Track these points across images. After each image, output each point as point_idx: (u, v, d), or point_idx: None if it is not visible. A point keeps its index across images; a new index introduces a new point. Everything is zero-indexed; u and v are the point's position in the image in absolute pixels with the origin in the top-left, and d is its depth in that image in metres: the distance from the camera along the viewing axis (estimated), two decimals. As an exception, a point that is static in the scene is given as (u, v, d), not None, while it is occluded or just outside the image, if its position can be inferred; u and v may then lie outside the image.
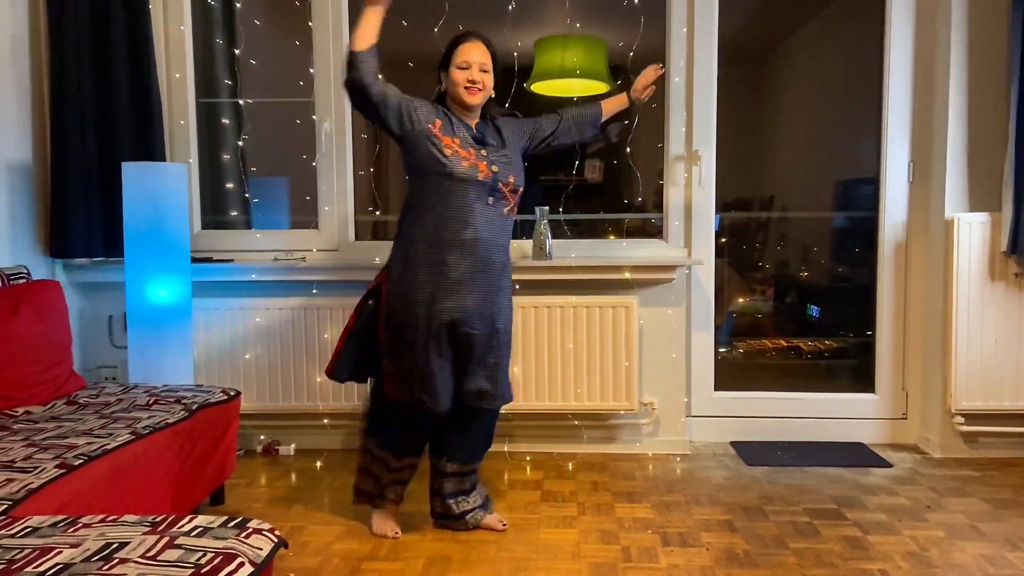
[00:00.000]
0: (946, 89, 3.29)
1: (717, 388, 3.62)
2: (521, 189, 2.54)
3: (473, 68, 2.46)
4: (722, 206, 3.97)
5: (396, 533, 2.56)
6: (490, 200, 2.44)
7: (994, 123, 3.26)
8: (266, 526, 1.58)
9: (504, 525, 2.62)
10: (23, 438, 2.17)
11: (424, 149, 2.41)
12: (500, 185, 2.45)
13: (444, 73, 2.52)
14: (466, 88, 2.46)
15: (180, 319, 3.09)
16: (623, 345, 3.32)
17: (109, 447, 2.11)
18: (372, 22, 2.41)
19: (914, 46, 3.45)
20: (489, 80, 2.50)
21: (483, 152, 2.46)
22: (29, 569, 1.36)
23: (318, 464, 3.31)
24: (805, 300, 4.61)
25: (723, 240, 3.94)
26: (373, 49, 2.41)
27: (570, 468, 3.26)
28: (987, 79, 3.26)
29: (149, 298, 3.02)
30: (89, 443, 2.12)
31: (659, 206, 3.58)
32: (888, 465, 3.26)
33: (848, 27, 4.09)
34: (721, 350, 3.89)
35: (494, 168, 2.45)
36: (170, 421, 2.41)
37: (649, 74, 2.77)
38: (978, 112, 3.27)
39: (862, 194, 3.84)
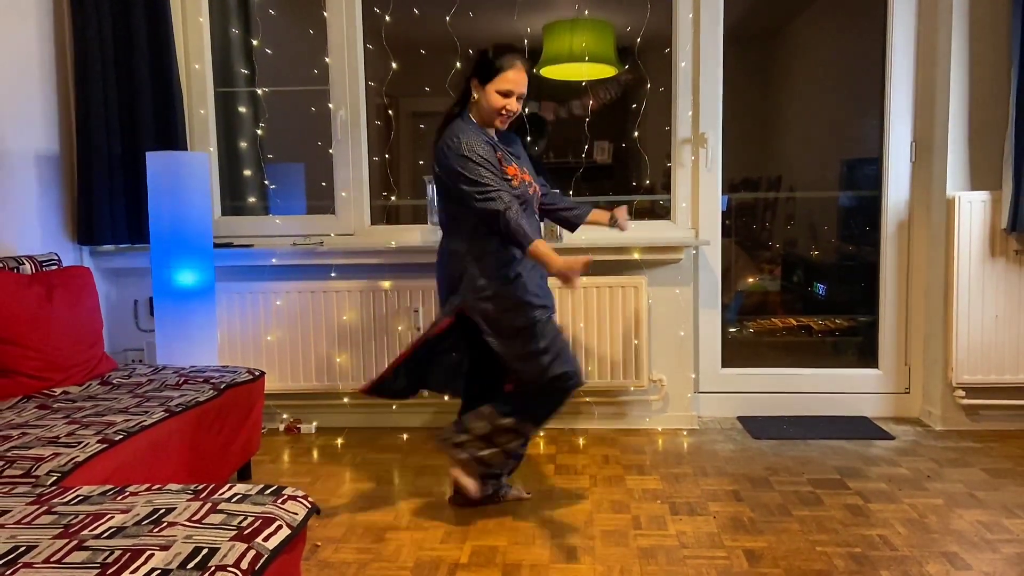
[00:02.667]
0: (947, 70, 3.35)
1: (724, 365, 3.71)
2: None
3: (513, 99, 2.47)
4: (730, 187, 4.05)
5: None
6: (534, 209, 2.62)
7: (995, 103, 3.32)
8: (300, 493, 1.70)
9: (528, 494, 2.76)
10: (64, 416, 2.29)
11: None
12: (532, 193, 2.59)
13: (479, 85, 2.48)
14: (500, 116, 2.49)
15: (204, 302, 3.20)
16: (632, 324, 3.42)
17: (146, 423, 2.23)
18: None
19: (916, 27, 3.51)
20: (519, 107, 2.53)
21: (522, 167, 2.59)
22: (85, 532, 1.48)
23: (339, 441, 3.43)
24: (812, 278, 4.69)
25: (730, 221, 4.02)
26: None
27: (582, 443, 3.37)
28: (988, 60, 3.32)
29: (174, 283, 3.14)
30: (127, 420, 2.24)
31: (667, 188, 3.66)
32: (891, 437, 3.36)
33: (851, 9, 4.14)
34: (731, 330, 3.99)
35: (528, 179, 2.57)
36: (200, 400, 2.53)
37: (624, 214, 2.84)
38: (979, 92, 3.34)
39: (866, 173, 3.91)
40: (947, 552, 2.30)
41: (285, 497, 1.66)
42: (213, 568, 1.34)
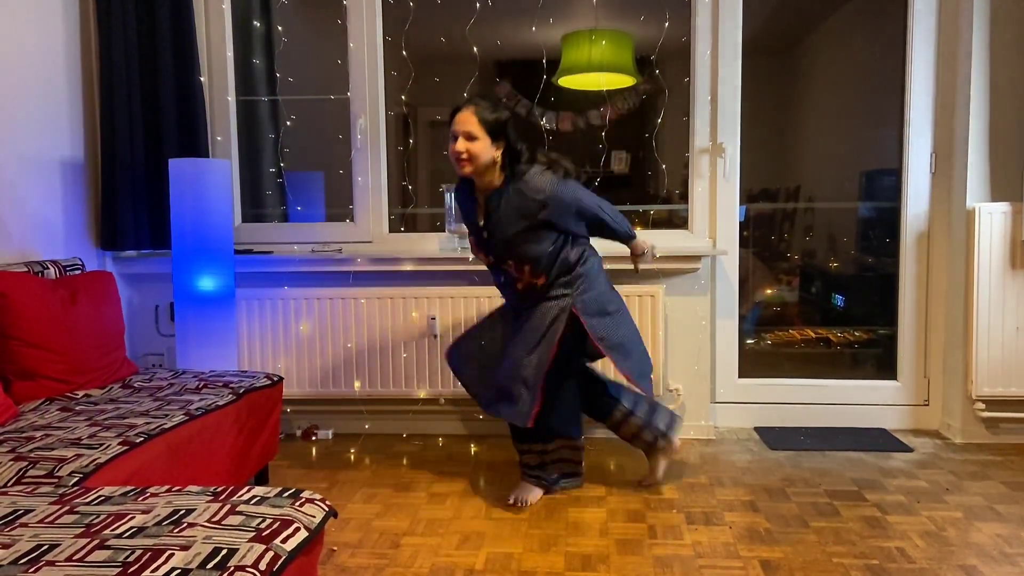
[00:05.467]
0: (968, 81, 3.34)
1: (741, 375, 3.70)
2: (531, 260, 2.67)
3: (459, 139, 2.56)
4: (748, 197, 4.04)
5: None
6: (503, 280, 2.78)
7: (1015, 114, 3.31)
8: (318, 497, 1.71)
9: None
10: (86, 418, 2.32)
11: None
12: (505, 267, 2.71)
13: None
14: (456, 161, 2.59)
15: (224, 308, 3.24)
16: (649, 333, 3.42)
17: (166, 426, 2.26)
18: None
19: (936, 38, 3.50)
20: (478, 148, 2.54)
21: (485, 237, 2.70)
22: (107, 531, 1.50)
23: (355, 448, 3.45)
24: (830, 290, 4.67)
25: (748, 231, 4.01)
26: None
27: (598, 451, 3.37)
28: (1008, 71, 3.30)
29: (195, 288, 3.17)
30: (148, 423, 2.27)
31: (684, 197, 3.66)
32: (909, 450, 3.33)
33: (871, 20, 4.13)
34: (748, 341, 3.97)
35: (491, 258, 2.71)
36: (220, 404, 2.55)
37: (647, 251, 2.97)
38: (999, 103, 3.32)
39: (885, 185, 3.90)
40: (965, 565, 2.28)
41: (303, 500, 1.68)
42: (232, 568, 1.36)
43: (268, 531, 1.51)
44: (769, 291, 4.72)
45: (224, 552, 1.41)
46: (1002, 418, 3.39)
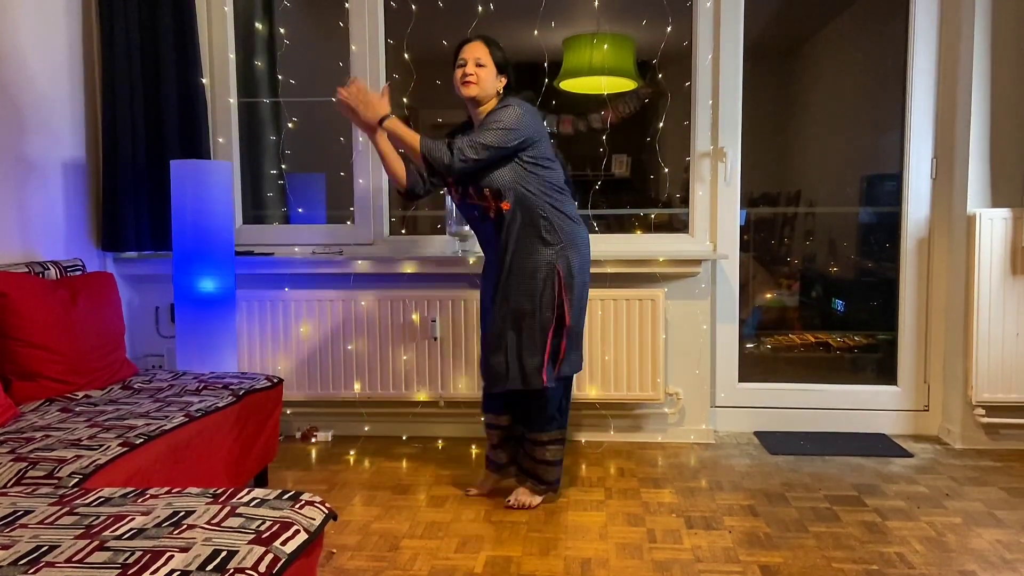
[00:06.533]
0: (968, 86, 3.35)
1: (742, 380, 3.70)
2: (493, 188, 2.65)
3: (469, 64, 2.66)
4: (749, 201, 4.05)
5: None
6: (476, 214, 2.76)
7: (1016, 119, 3.31)
8: (317, 499, 1.71)
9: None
10: (86, 419, 2.32)
11: None
12: (470, 199, 2.72)
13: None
14: (461, 82, 2.67)
15: (225, 310, 3.24)
16: (649, 337, 3.42)
17: (166, 428, 2.26)
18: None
19: (937, 44, 3.51)
20: (485, 73, 2.67)
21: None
22: (107, 533, 1.50)
23: (354, 451, 3.45)
24: (830, 294, 4.67)
25: (748, 235, 4.02)
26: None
27: (598, 455, 3.37)
28: (1009, 76, 3.31)
29: (196, 290, 3.17)
30: (147, 424, 2.27)
31: (685, 201, 3.66)
32: (909, 455, 3.33)
33: (872, 25, 4.14)
34: (748, 345, 3.97)
35: (459, 188, 2.72)
36: (220, 405, 2.55)
37: None
38: (1000, 109, 3.33)
39: (886, 189, 3.90)
40: (965, 571, 2.28)
41: (303, 502, 1.68)
42: (232, 570, 1.36)
43: (268, 533, 1.51)
44: (769, 295, 4.72)
45: (224, 554, 1.41)
46: (1002, 424, 3.39)
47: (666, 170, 3.77)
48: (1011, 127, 3.32)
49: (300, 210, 4.02)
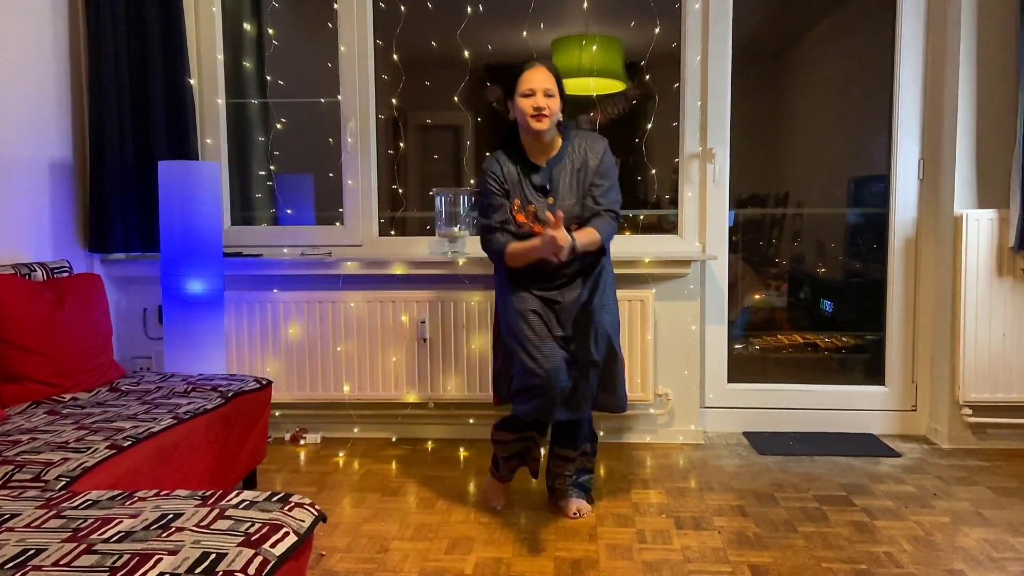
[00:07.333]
0: (955, 88, 3.37)
1: (731, 380, 3.71)
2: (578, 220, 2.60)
3: (538, 95, 2.49)
4: (737, 202, 4.06)
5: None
6: None
7: (1002, 121, 3.33)
8: (307, 501, 1.71)
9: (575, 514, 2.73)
10: (73, 422, 2.31)
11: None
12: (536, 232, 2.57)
13: (511, 101, 2.55)
14: (533, 116, 2.49)
15: (213, 311, 3.22)
16: (639, 337, 3.42)
17: (154, 430, 2.24)
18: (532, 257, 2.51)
19: (924, 46, 3.53)
20: (555, 105, 2.51)
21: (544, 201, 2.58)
22: (94, 536, 1.49)
23: (344, 453, 3.44)
24: (819, 295, 4.69)
25: (737, 236, 4.03)
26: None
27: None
28: (996, 78, 3.33)
29: (184, 291, 3.16)
30: (135, 426, 2.26)
31: (674, 202, 3.67)
32: (897, 455, 3.35)
33: (860, 27, 4.16)
34: (737, 346, 3.98)
35: (527, 219, 2.59)
36: (208, 407, 2.54)
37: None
38: (987, 110, 3.35)
39: (874, 191, 3.92)
40: (953, 570, 2.29)
41: (292, 504, 1.67)
42: (221, 573, 1.35)
43: (257, 535, 1.50)
44: (758, 296, 4.73)
45: (213, 557, 1.40)
46: (989, 423, 3.42)
47: (654, 171, 3.78)
48: (997, 129, 3.34)
49: (289, 211, 4.00)
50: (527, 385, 2.49)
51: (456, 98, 3.61)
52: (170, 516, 1.58)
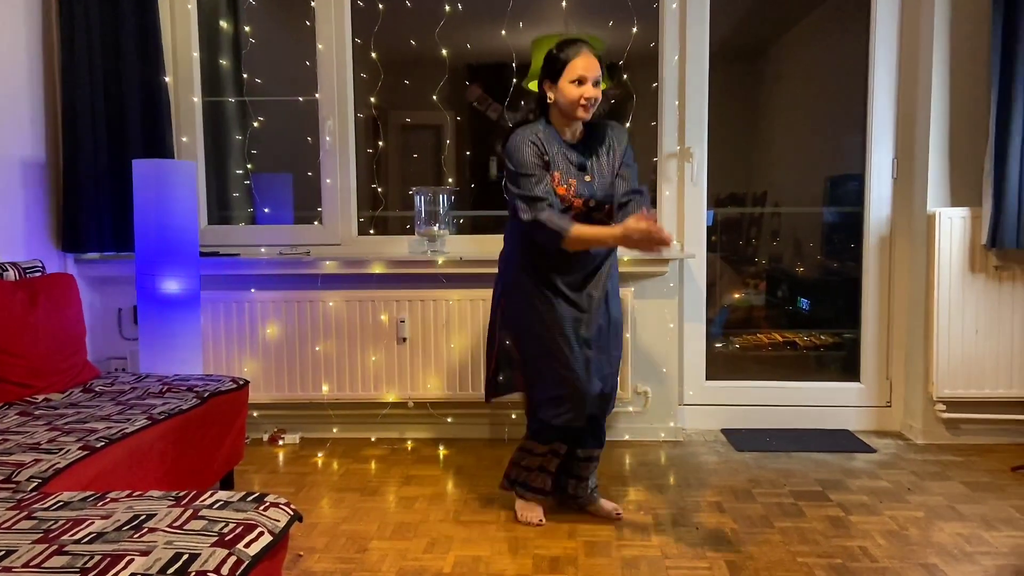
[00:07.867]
0: (929, 88, 3.41)
1: (709, 378, 3.73)
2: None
3: (588, 84, 2.43)
4: (715, 201, 4.08)
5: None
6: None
7: (975, 121, 3.37)
8: (282, 500, 1.70)
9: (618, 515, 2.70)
10: (46, 423, 2.28)
11: None
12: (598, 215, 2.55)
13: (552, 85, 2.48)
14: (582, 106, 2.45)
15: (189, 311, 3.20)
16: (617, 336, 3.43)
17: (128, 431, 2.22)
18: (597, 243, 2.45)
19: (898, 47, 3.57)
20: (599, 93, 2.48)
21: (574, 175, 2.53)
22: (65, 537, 1.47)
23: (322, 453, 3.42)
24: (796, 293, 4.73)
25: (715, 235, 4.05)
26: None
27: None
28: (968, 79, 3.37)
29: (159, 291, 3.13)
30: (108, 427, 2.23)
31: (653, 202, 3.68)
32: (872, 451, 3.38)
33: (836, 28, 4.20)
34: (716, 345, 4.00)
35: (592, 202, 2.54)
36: (183, 408, 2.51)
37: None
38: (960, 110, 3.39)
39: (849, 190, 3.96)
40: (927, 564, 2.32)
41: (267, 504, 1.66)
42: (194, 573, 1.34)
43: (231, 535, 1.49)
44: (736, 295, 4.76)
45: (185, 557, 1.39)
46: (962, 419, 3.46)
47: (633, 170, 3.78)
48: (970, 128, 3.38)
49: (266, 210, 3.97)
50: (559, 394, 2.51)
51: (435, 97, 3.60)
52: (143, 517, 1.56)
